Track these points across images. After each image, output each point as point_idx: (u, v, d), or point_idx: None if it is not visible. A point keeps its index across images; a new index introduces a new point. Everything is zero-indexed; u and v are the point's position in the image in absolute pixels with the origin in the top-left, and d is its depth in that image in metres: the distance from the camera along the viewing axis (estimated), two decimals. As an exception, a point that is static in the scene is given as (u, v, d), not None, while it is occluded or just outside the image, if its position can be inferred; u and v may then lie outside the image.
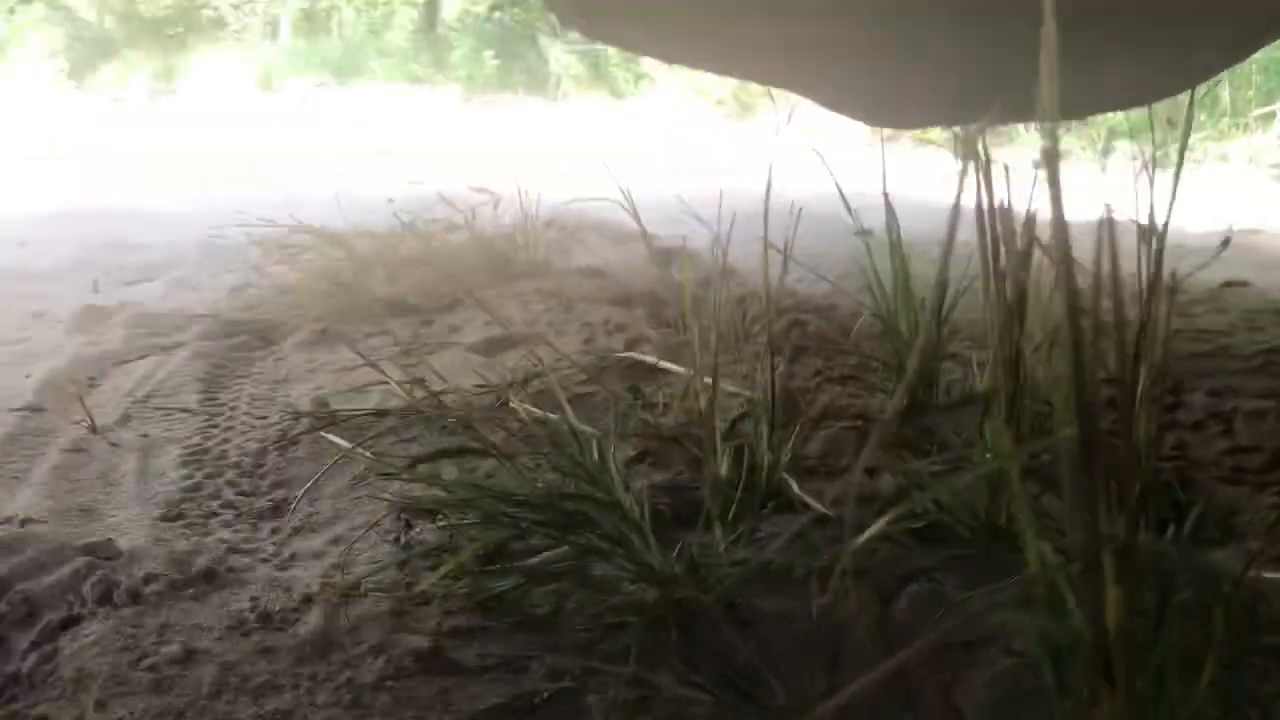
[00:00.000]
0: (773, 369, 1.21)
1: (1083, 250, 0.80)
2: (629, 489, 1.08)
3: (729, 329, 1.72)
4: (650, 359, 1.61)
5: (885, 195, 1.81)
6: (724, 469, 1.05)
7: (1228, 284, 2.78)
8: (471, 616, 1.01)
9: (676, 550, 0.95)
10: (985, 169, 1.01)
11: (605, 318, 1.90)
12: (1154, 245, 1.02)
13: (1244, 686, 0.75)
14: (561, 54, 10.91)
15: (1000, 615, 0.85)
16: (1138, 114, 6.19)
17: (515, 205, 2.75)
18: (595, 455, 1.02)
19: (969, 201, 1.08)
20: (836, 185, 1.76)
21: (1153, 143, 1.69)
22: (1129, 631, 0.52)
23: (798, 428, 1.27)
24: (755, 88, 7.83)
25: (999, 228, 1.02)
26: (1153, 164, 1.23)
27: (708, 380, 1.16)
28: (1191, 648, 0.69)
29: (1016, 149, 6.02)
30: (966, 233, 1.13)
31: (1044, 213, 0.99)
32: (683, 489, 1.18)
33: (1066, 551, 0.53)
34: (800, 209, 1.82)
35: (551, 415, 1.24)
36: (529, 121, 9.16)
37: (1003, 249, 1.02)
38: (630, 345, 1.72)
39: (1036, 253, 1.09)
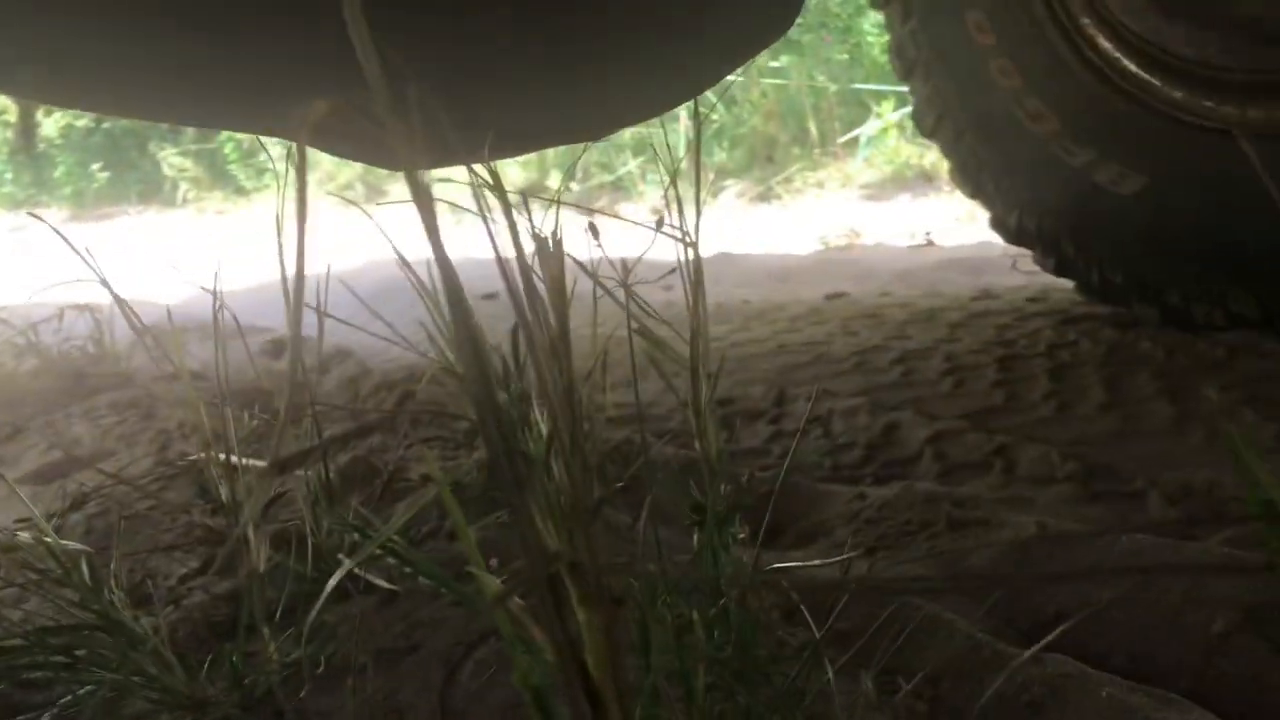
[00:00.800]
0: (341, 441, 1.11)
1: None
2: (151, 610, 0.94)
3: (324, 412, 1.59)
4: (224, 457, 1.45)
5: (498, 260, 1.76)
6: (261, 562, 0.93)
7: (829, 296, 2.96)
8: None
9: (215, 664, 0.83)
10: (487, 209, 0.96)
11: (184, 421, 1.73)
12: (692, 269, 1.00)
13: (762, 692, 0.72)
14: (174, 157, 10.35)
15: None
16: (743, 153, 6.62)
17: (103, 316, 2.50)
18: (87, 577, 0.88)
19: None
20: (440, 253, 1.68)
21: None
22: (604, 655, 0.46)
23: (378, 498, 1.18)
24: (381, 171, 7.72)
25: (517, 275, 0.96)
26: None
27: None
28: (694, 663, 0.65)
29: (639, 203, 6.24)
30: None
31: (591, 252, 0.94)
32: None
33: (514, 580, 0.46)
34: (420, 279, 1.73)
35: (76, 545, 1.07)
36: (144, 230, 8.60)
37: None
38: (208, 446, 1.55)
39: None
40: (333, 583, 0.72)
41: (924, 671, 0.81)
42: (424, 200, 0.41)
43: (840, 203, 5.27)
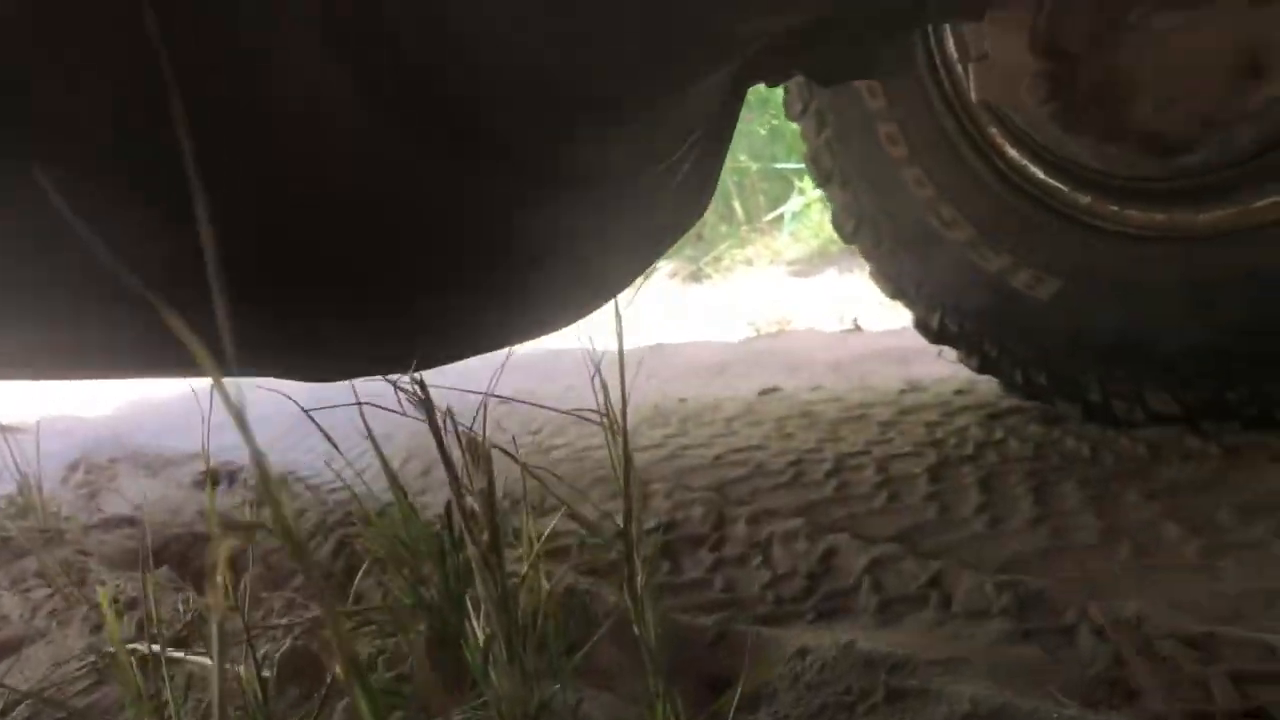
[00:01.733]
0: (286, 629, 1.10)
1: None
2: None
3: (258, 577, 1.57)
4: (156, 648, 1.43)
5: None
6: None
7: (763, 392, 2.99)
8: None
9: None
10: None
11: (121, 590, 1.69)
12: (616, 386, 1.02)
13: None
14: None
15: None
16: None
17: (20, 447, 2.43)
18: None
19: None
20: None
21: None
22: None
23: (322, 697, 1.16)
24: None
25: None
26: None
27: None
28: None
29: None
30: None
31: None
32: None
33: None
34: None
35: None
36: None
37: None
38: (141, 627, 1.53)
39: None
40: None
41: None
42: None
43: (769, 280, 5.35)
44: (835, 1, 1.01)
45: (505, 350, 1.16)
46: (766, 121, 7.25)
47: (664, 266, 6.09)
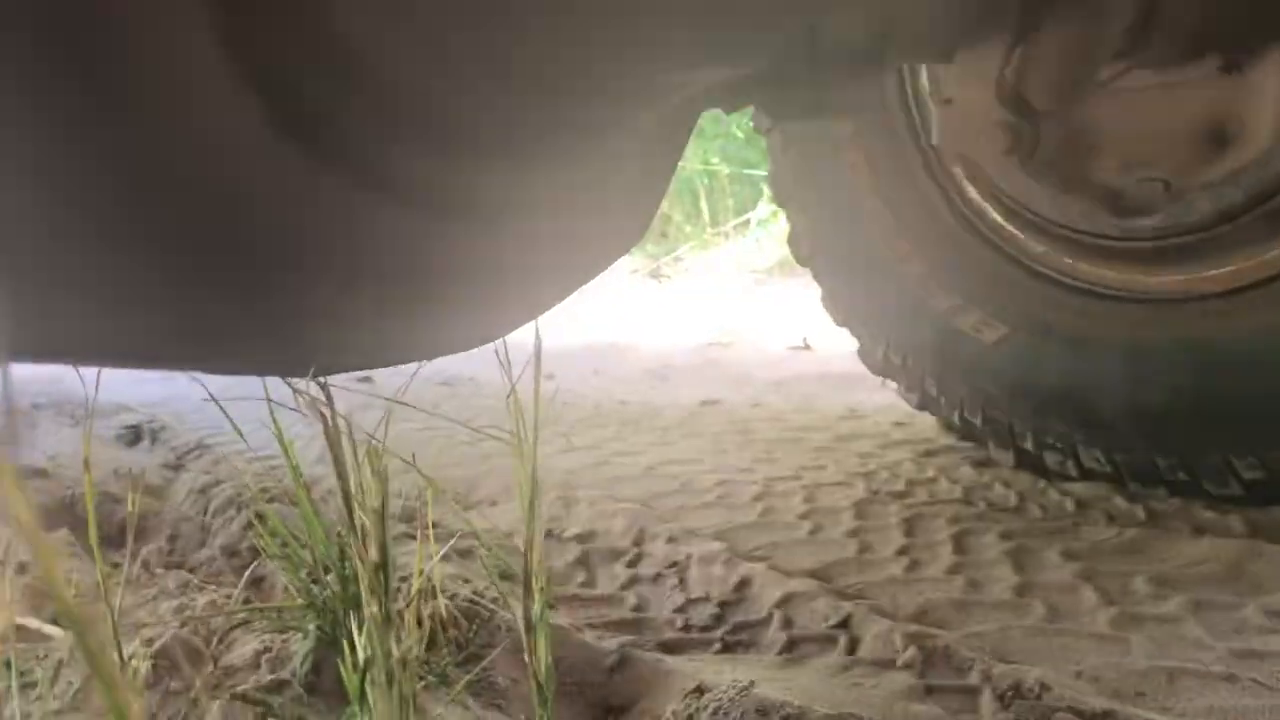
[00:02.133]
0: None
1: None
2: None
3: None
4: (35, 624, 1.38)
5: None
6: None
7: (704, 403, 2.97)
8: None
9: None
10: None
11: (15, 555, 1.63)
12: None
13: None
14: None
15: None
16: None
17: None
18: None
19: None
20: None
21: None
22: None
23: (190, 707, 1.12)
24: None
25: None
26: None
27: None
28: None
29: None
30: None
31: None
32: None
33: None
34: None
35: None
36: None
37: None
38: (36, 600, 1.47)
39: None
40: None
41: None
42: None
43: (727, 285, 5.33)
44: (771, 54, 0.98)
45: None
46: (745, 125, 7.24)
47: (625, 263, 6.06)
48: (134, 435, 2.65)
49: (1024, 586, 1.56)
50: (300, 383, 0.93)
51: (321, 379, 0.87)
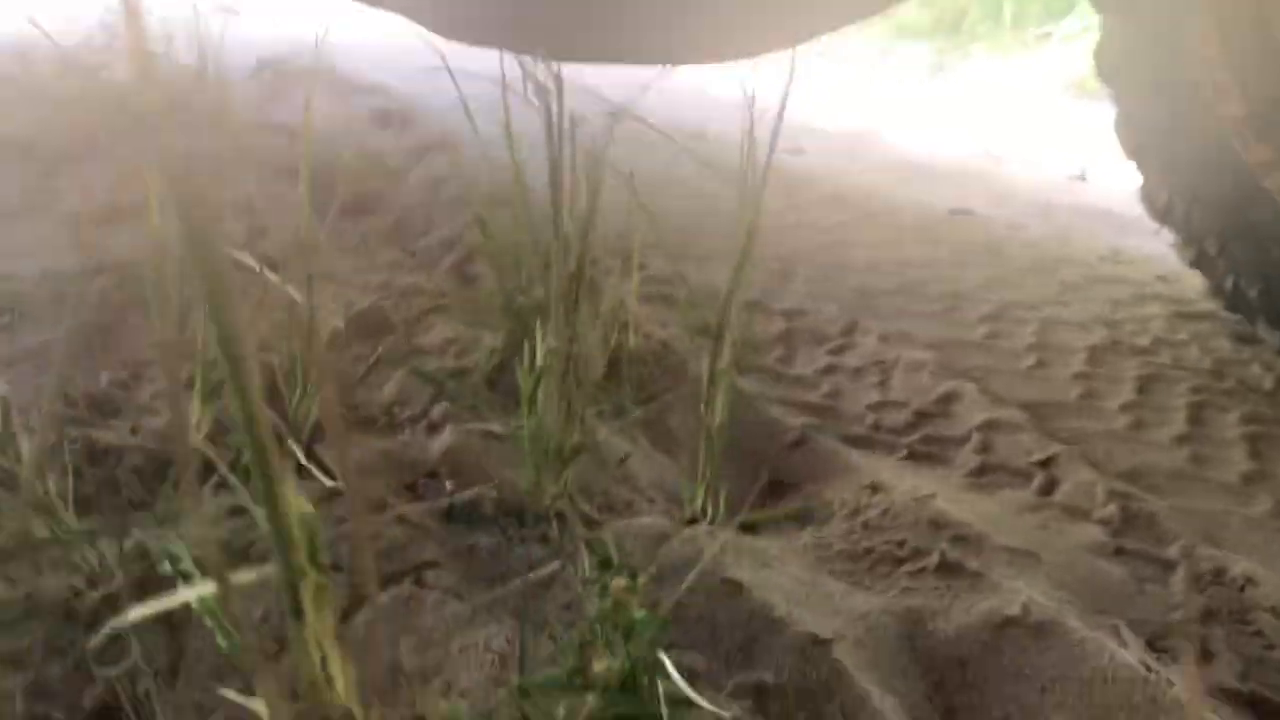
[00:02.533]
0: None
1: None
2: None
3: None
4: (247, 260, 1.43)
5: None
6: (204, 430, 0.90)
7: (953, 211, 2.79)
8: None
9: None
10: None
11: (248, 194, 1.70)
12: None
13: None
14: None
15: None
16: (929, 14, 6.22)
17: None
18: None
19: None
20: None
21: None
22: None
23: (369, 370, 1.14)
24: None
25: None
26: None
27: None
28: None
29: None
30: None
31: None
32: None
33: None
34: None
35: None
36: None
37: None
38: (251, 237, 1.52)
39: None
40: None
41: None
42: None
43: (1013, 98, 4.94)
44: None
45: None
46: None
47: (906, 52, 5.69)
48: (384, 119, 2.71)
49: (1256, 474, 1.41)
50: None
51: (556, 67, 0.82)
